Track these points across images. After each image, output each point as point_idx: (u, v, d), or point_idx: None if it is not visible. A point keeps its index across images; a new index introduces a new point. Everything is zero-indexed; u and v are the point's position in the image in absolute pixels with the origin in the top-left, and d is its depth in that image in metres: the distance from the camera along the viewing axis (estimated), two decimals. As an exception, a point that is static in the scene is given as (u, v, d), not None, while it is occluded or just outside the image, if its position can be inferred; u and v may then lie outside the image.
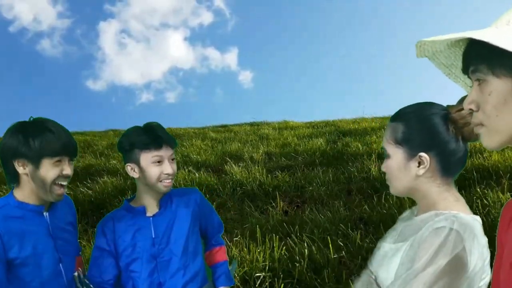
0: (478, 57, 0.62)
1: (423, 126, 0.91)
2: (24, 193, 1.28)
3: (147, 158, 1.40)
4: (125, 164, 1.46)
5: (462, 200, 0.93)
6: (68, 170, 1.29)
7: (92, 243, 3.63)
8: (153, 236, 1.45)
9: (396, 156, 0.95)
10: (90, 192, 5.23)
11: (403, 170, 0.95)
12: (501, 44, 0.54)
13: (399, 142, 0.95)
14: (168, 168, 1.41)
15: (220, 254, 1.64)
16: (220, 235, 1.70)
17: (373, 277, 1.03)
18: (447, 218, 0.84)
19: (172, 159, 1.45)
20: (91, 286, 1.40)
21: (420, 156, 0.92)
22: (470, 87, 0.76)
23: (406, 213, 1.09)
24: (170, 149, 1.44)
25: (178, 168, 6.03)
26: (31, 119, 1.30)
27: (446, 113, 0.91)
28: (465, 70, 0.67)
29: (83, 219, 4.52)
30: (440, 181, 0.93)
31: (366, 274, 1.08)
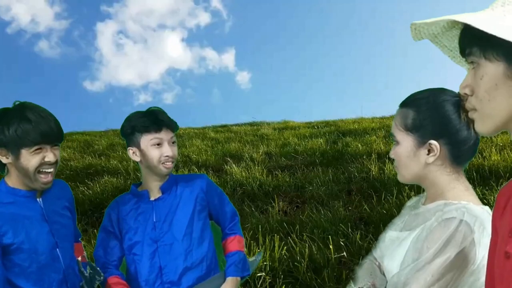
0: (471, 40, 0.61)
1: (434, 113, 0.89)
2: (14, 180, 1.27)
3: (147, 140, 1.42)
4: (127, 148, 1.48)
5: (471, 190, 0.92)
6: (50, 156, 1.25)
7: (92, 243, 3.64)
8: (154, 220, 1.46)
9: (405, 143, 0.93)
10: (90, 192, 5.23)
11: (412, 157, 0.92)
12: (487, 29, 0.53)
13: (409, 129, 0.92)
14: (168, 150, 1.43)
15: (233, 244, 1.60)
16: (234, 224, 1.66)
17: (377, 263, 1.02)
18: (457, 209, 0.82)
19: (173, 142, 1.47)
20: (96, 269, 1.41)
21: (430, 144, 0.89)
22: None
23: (413, 201, 1.07)
24: (170, 132, 1.46)
25: (178, 168, 6.03)
26: (14, 105, 1.26)
27: (458, 99, 0.88)
28: (462, 53, 0.66)
29: (83, 219, 4.52)
30: (450, 169, 0.91)
31: (369, 260, 1.07)
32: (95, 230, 4.08)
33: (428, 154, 0.90)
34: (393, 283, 0.86)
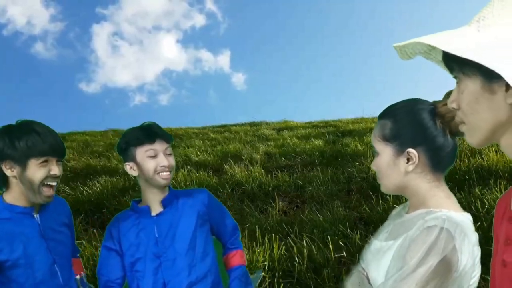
0: (450, 57, 0.63)
1: (410, 122, 0.91)
2: (14, 196, 1.29)
3: (142, 152, 1.42)
4: (124, 164, 1.48)
5: (452, 197, 0.93)
6: (56, 170, 1.29)
7: (92, 243, 3.64)
8: (157, 235, 1.45)
9: (384, 153, 0.95)
10: (89, 192, 5.24)
11: (392, 166, 0.94)
12: (450, 49, 0.56)
13: (387, 139, 0.94)
14: (164, 160, 1.43)
15: (236, 259, 1.60)
16: (236, 238, 1.65)
17: (365, 273, 1.03)
18: (438, 217, 0.83)
19: (169, 154, 1.46)
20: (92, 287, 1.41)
21: (408, 152, 0.91)
22: None
23: (397, 210, 1.08)
24: (165, 143, 1.46)
25: (178, 168, 6.04)
26: (18, 122, 1.30)
27: (433, 107, 0.91)
28: (448, 69, 0.68)
29: (83, 219, 4.53)
30: (430, 176, 0.93)
31: (357, 271, 1.08)
32: (95, 230, 4.08)
33: (407, 163, 0.92)
34: None
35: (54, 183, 1.30)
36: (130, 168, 1.46)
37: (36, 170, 1.25)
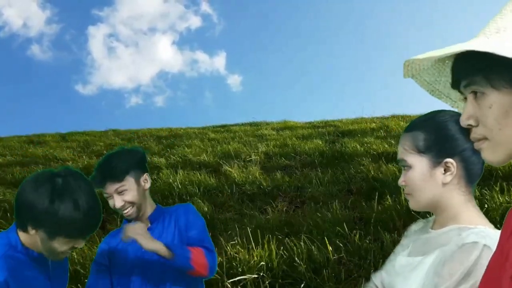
0: (474, 69, 0.59)
1: (443, 132, 0.89)
2: (30, 241, 1.19)
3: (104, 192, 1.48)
4: None
5: (482, 214, 0.91)
6: (80, 244, 1.23)
7: (92, 243, 3.64)
8: (143, 251, 1.44)
9: (419, 166, 0.91)
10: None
11: (429, 179, 0.90)
12: (508, 54, 0.51)
13: (421, 151, 0.91)
14: (116, 201, 1.45)
15: (192, 249, 1.46)
16: (210, 252, 1.51)
17: None
18: (477, 233, 0.81)
19: (121, 192, 1.45)
20: None
21: (446, 163, 0.89)
22: (455, 101, 0.75)
23: (418, 226, 1.06)
24: (115, 183, 1.44)
25: (178, 169, 6.04)
26: (62, 173, 1.17)
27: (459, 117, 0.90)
28: (456, 84, 0.64)
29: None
30: (465, 189, 0.91)
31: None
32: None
33: (444, 173, 0.90)
34: None
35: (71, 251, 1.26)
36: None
37: (61, 245, 1.16)
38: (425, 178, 0.91)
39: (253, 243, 3.39)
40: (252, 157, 6.47)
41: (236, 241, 3.54)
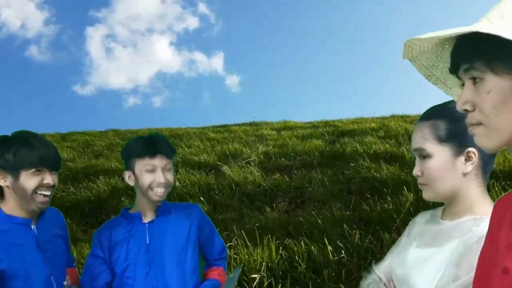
0: (474, 53, 0.58)
1: (465, 121, 0.89)
2: (10, 206, 1.29)
3: (141, 165, 1.42)
4: (124, 171, 1.49)
5: None
6: (49, 179, 1.28)
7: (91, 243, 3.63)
8: (148, 242, 1.45)
9: (441, 155, 0.89)
10: (89, 192, 5.23)
11: (450, 168, 0.89)
12: (504, 34, 0.50)
13: (443, 140, 0.89)
14: (161, 176, 1.41)
15: (213, 274, 1.59)
16: (222, 258, 1.65)
17: (382, 283, 1.01)
18: None
19: (168, 169, 1.45)
20: None
21: (467, 152, 0.87)
22: (450, 88, 0.74)
23: (423, 217, 1.05)
24: (166, 158, 1.44)
25: (178, 169, 6.03)
26: (13, 133, 1.32)
27: None
28: (455, 69, 0.63)
29: (83, 219, 4.53)
30: (481, 180, 0.90)
31: (373, 280, 1.04)
32: (95, 231, 4.08)
33: (465, 163, 0.88)
34: None
35: (48, 192, 1.30)
36: (128, 177, 1.47)
37: (28, 180, 1.25)
38: (446, 168, 0.89)
39: (253, 243, 3.39)
40: (252, 157, 6.47)
41: (236, 241, 3.54)
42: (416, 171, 0.94)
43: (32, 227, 1.32)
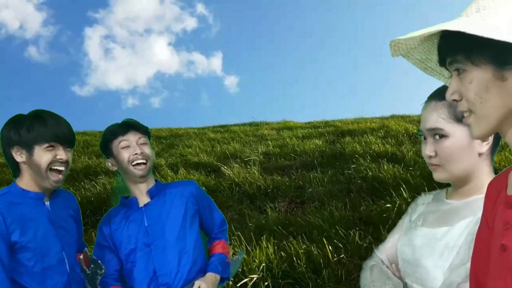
0: (455, 48, 0.62)
1: None
2: (25, 181, 1.33)
3: (116, 145, 1.48)
4: (106, 162, 1.54)
5: None
6: (62, 155, 1.32)
7: (92, 243, 3.64)
8: (146, 225, 1.48)
9: (458, 134, 0.89)
10: (89, 193, 5.23)
11: (467, 148, 0.89)
12: (478, 32, 0.54)
13: (461, 119, 0.87)
14: (136, 148, 1.46)
15: (218, 248, 1.62)
16: (222, 231, 1.68)
17: (384, 265, 1.00)
18: None
19: (142, 143, 1.49)
20: (97, 262, 1.41)
21: None
22: (447, 78, 0.76)
23: (426, 198, 1.05)
24: (138, 133, 1.50)
25: (178, 169, 6.03)
26: (30, 112, 1.35)
27: None
28: (442, 62, 0.67)
29: (83, 219, 4.52)
30: (490, 161, 0.91)
31: (377, 264, 1.03)
32: (95, 230, 4.08)
33: (481, 143, 0.89)
34: (448, 283, 0.84)
35: (62, 168, 1.33)
36: (111, 165, 1.52)
37: (42, 155, 1.29)
38: (464, 147, 0.89)
39: (253, 244, 3.39)
40: (252, 157, 6.47)
41: (236, 242, 3.54)
42: (429, 151, 0.92)
43: (46, 203, 1.35)
